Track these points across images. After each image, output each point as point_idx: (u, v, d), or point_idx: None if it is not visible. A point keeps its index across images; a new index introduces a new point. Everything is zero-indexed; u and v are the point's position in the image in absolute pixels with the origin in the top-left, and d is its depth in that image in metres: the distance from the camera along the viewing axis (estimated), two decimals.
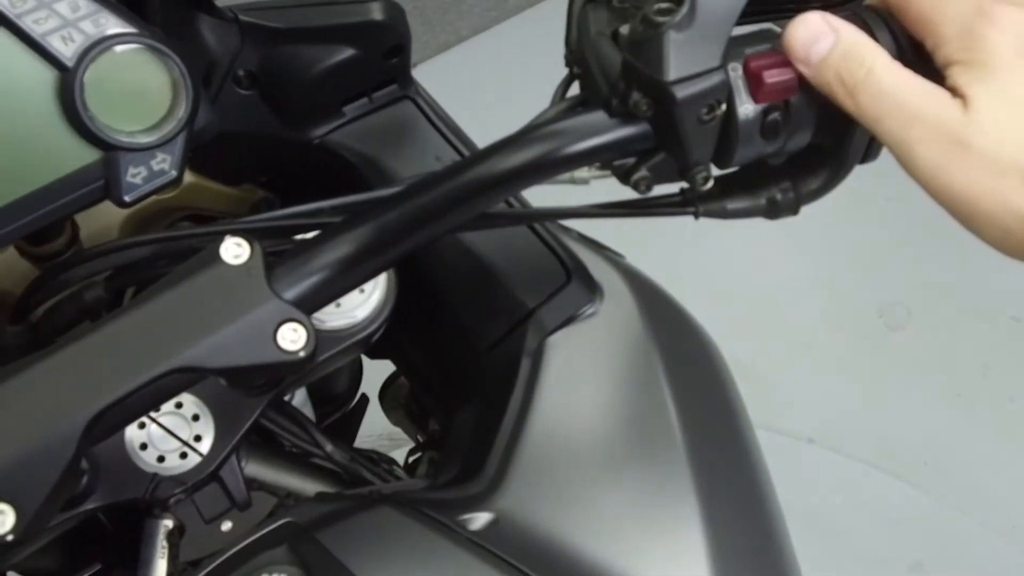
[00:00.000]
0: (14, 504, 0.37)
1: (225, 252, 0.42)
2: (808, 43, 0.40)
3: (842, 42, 0.40)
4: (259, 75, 0.60)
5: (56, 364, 0.39)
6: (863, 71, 0.39)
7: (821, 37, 0.40)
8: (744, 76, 0.40)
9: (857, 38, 0.40)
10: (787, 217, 0.46)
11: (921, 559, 1.57)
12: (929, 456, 1.67)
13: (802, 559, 0.66)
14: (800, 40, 0.40)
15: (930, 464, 1.66)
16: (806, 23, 0.40)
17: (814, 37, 0.40)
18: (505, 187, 0.43)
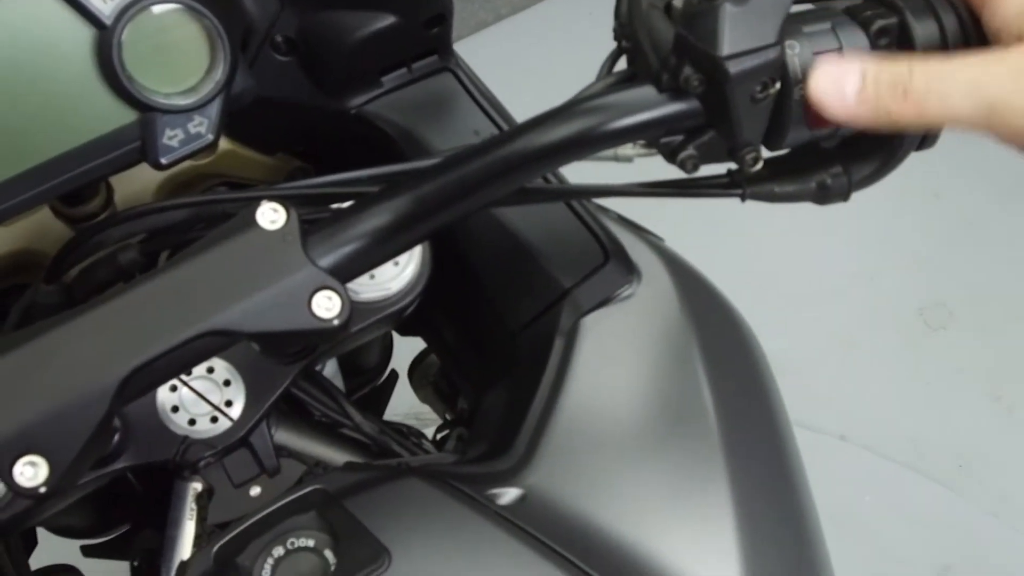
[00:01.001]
0: (47, 457, 0.37)
1: (261, 217, 0.42)
2: (836, 87, 0.39)
3: (869, 67, 0.39)
4: (298, 41, 0.59)
5: (92, 321, 0.39)
6: (906, 73, 0.38)
7: (845, 75, 0.39)
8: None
9: (879, 63, 0.39)
10: (837, 203, 0.45)
11: (951, 562, 1.54)
12: (964, 459, 1.64)
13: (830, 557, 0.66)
14: (827, 89, 0.39)
15: (965, 467, 1.63)
16: (823, 73, 0.39)
17: (839, 79, 0.39)
18: (548, 160, 0.42)
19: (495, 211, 0.61)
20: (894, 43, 0.41)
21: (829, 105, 0.39)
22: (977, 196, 1.92)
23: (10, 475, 0.36)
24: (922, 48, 0.40)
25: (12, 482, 0.36)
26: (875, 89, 0.38)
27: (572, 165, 0.44)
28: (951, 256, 1.85)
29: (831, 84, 0.39)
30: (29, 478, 0.37)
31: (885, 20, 0.40)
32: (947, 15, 0.40)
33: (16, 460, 0.36)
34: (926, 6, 0.40)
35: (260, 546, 0.47)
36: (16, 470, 0.36)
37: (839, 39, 0.40)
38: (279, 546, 0.46)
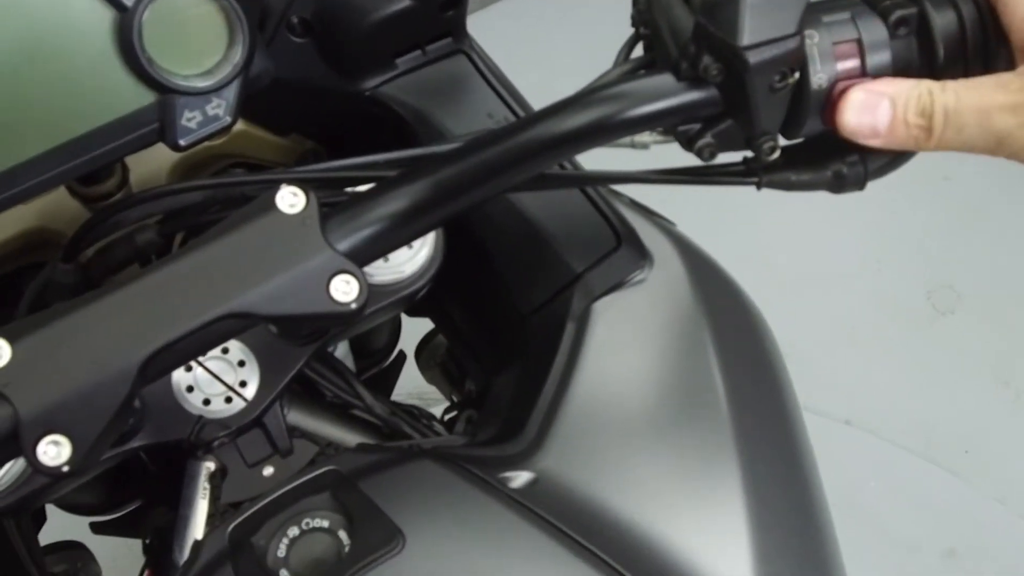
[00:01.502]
0: (71, 436, 0.37)
1: (281, 201, 0.42)
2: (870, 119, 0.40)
3: (898, 100, 0.40)
4: (313, 23, 0.59)
5: (115, 303, 0.40)
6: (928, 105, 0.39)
7: (876, 107, 0.40)
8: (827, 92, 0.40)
9: (903, 86, 0.40)
10: (852, 192, 0.45)
11: (955, 546, 1.55)
12: (970, 444, 1.64)
13: None
14: (859, 122, 0.40)
15: (971, 452, 1.64)
16: (854, 104, 0.40)
17: (871, 111, 0.40)
18: (567, 147, 0.43)
19: (509, 195, 0.61)
20: (913, 33, 0.41)
21: (861, 135, 0.41)
22: (986, 179, 1.91)
23: (34, 454, 0.37)
24: (941, 38, 0.40)
25: (36, 460, 0.37)
26: (905, 122, 0.40)
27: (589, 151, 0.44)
28: (960, 240, 1.85)
29: (863, 114, 0.40)
30: (52, 457, 0.37)
31: (904, 10, 0.40)
32: (966, 5, 0.40)
33: (40, 439, 0.37)
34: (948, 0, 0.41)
35: (275, 526, 0.47)
36: (40, 449, 0.37)
37: (858, 29, 0.40)
38: (294, 526, 0.47)
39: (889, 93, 0.40)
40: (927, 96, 0.39)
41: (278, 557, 0.47)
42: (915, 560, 1.54)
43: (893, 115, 0.40)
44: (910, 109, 0.40)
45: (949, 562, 1.54)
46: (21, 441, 0.37)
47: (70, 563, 0.83)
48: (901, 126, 0.40)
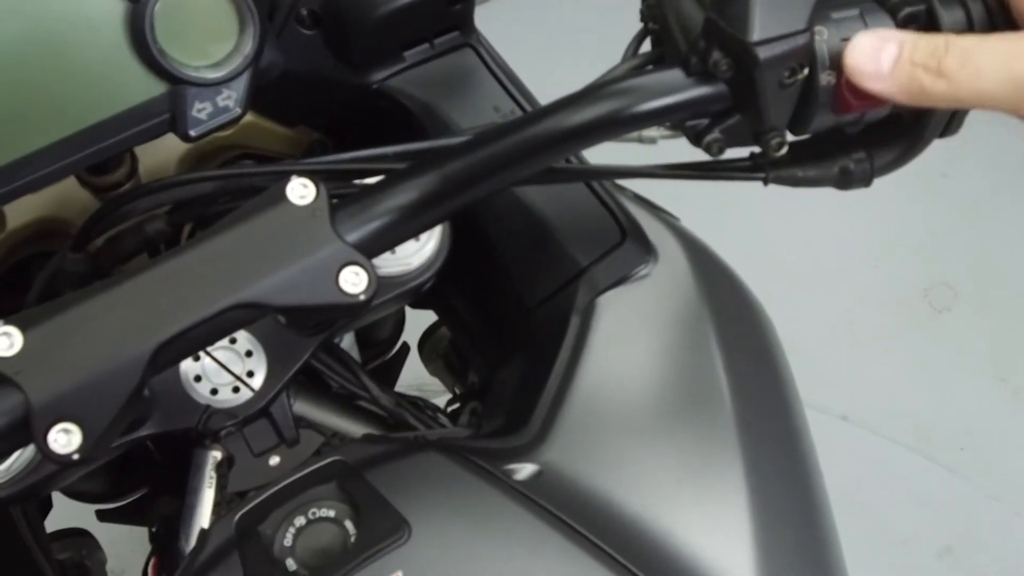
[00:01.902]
0: (81, 425, 0.38)
1: (291, 192, 0.42)
2: (873, 58, 0.39)
3: (906, 39, 0.39)
4: (322, 15, 0.60)
5: (126, 292, 0.40)
6: (941, 47, 0.38)
7: (882, 48, 0.39)
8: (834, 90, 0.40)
9: (916, 34, 0.39)
10: (859, 188, 0.45)
11: (951, 544, 1.55)
12: (967, 441, 1.65)
13: None
14: (863, 60, 0.39)
15: (967, 449, 1.64)
16: (861, 44, 0.39)
17: (876, 51, 0.39)
18: (575, 141, 0.43)
19: (515, 189, 0.61)
20: (921, 28, 0.41)
21: (865, 75, 0.39)
22: (984, 176, 1.91)
23: (44, 441, 0.37)
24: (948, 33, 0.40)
25: (46, 448, 0.37)
26: (911, 62, 0.38)
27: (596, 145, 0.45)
28: (957, 237, 1.85)
29: (868, 55, 0.39)
30: (63, 445, 0.37)
31: (913, 7, 0.41)
32: (975, 3, 0.41)
33: (51, 427, 0.37)
34: None
35: (282, 515, 0.48)
36: (51, 437, 0.37)
37: (867, 25, 0.40)
38: (300, 516, 0.47)
39: (898, 37, 0.39)
40: (941, 41, 0.38)
41: (285, 546, 0.47)
42: (911, 556, 1.55)
43: (899, 55, 0.38)
44: (919, 49, 0.38)
45: (945, 559, 1.54)
46: (32, 428, 0.37)
47: (75, 550, 0.83)
48: (907, 66, 0.38)
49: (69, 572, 0.81)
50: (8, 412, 0.37)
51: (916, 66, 0.38)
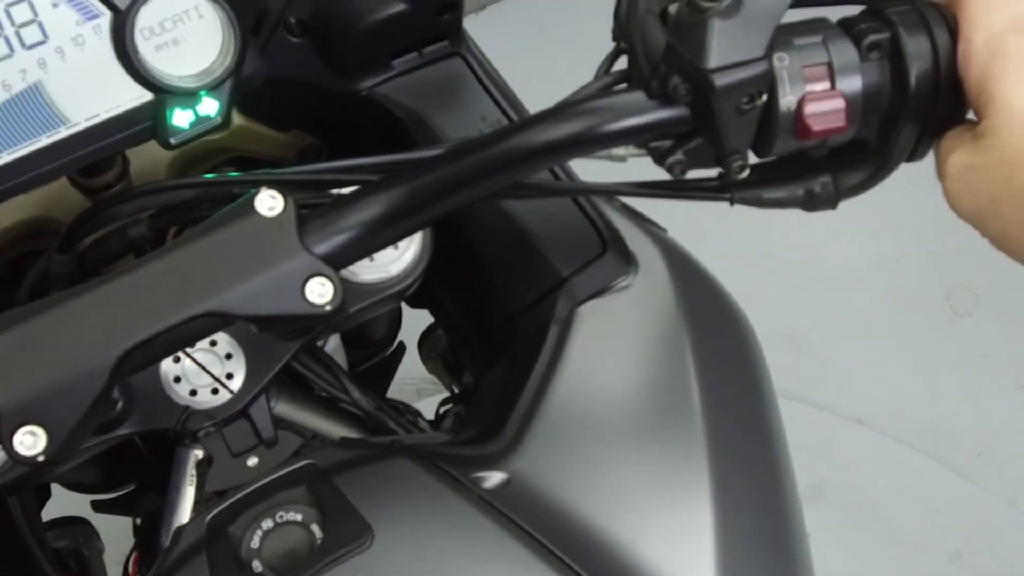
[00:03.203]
0: (47, 427, 0.39)
1: (260, 204, 0.43)
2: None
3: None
4: (311, 23, 0.60)
5: (93, 300, 0.41)
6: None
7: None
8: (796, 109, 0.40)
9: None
10: (824, 210, 0.45)
11: (962, 549, 1.54)
12: (983, 447, 1.63)
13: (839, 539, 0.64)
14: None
15: (984, 455, 1.63)
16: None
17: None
18: (540, 160, 0.43)
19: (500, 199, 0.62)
20: (885, 57, 0.41)
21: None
22: None
23: (10, 443, 0.38)
24: (913, 65, 0.40)
25: (12, 450, 0.38)
26: None
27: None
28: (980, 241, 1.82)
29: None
30: (28, 447, 0.39)
31: (877, 35, 0.41)
32: (940, 32, 0.41)
33: (16, 429, 0.38)
34: (920, 22, 0.41)
35: (251, 517, 0.49)
36: (16, 439, 0.39)
37: (829, 52, 0.41)
38: (268, 519, 0.48)
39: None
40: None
41: (252, 548, 0.48)
42: (921, 560, 1.54)
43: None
44: None
45: (956, 563, 1.54)
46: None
47: (72, 538, 0.85)
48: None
49: (66, 560, 0.83)
50: None
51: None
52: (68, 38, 0.48)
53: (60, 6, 0.47)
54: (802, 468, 0.58)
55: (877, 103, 0.41)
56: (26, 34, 0.47)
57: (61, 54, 0.48)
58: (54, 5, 0.47)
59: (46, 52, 0.48)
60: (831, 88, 0.41)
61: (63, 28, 0.47)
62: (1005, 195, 0.38)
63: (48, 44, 0.48)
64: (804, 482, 0.57)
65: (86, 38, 0.48)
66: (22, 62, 0.47)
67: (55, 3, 0.47)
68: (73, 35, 0.48)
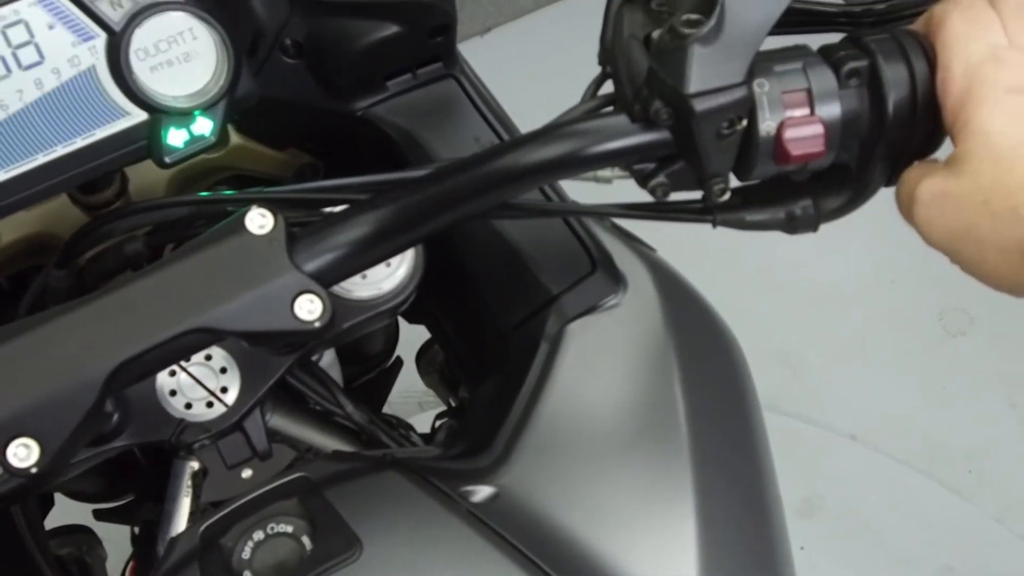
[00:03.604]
0: (39, 440, 0.40)
1: (250, 222, 0.44)
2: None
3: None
4: (306, 45, 0.62)
5: (86, 315, 0.42)
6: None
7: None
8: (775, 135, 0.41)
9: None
10: (805, 233, 0.46)
11: (952, 564, 1.55)
12: (974, 464, 1.64)
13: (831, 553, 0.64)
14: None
15: (974, 472, 1.64)
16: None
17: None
18: (526, 181, 0.44)
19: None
20: (864, 85, 0.42)
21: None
22: None
23: (3, 456, 0.39)
24: (891, 92, 0.41)
25: (5, 462, 0.39)
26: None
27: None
28: None
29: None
30: (21, 459, 0.40)
31: (856, 62, 0.42)
32: (918, 60, 0.42)
33: (10, 442, 0.39)
34: (898, 50, 0.42)
35: (243, 528, 0.50)
36: (9, 451, 0.39)
37: (808, 79, 0.42)
38: (260, 530, 0.49)
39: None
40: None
41: (243, 559, 0.49)
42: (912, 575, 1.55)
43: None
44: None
45: None
46: None
47: (75, 546, 0.86)
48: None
49: (69, 567, 0.84)
50: None
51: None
52: (64, 59, 0.49)
53: (56, 28, 0.49)
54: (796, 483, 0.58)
55: (856, 129, 0.42)
56: (23, 55, 0.48)
57: (57, 74, 0.49)
58: (50, 27, 0.49)
59: (42, 72, 0.49)
60: (810, 114, 0.42)
61: (59, 49, 0.49)
62: (982, 219, 0.38)
63: (44, 65, 0.49)
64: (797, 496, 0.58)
65: (82, 59, 0.49)
66: (19, 82, 0.49)
67: (51, 25, 0.48)
68: (69, 56, 0.49)
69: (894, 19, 0.52)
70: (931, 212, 0.40)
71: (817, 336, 1.75)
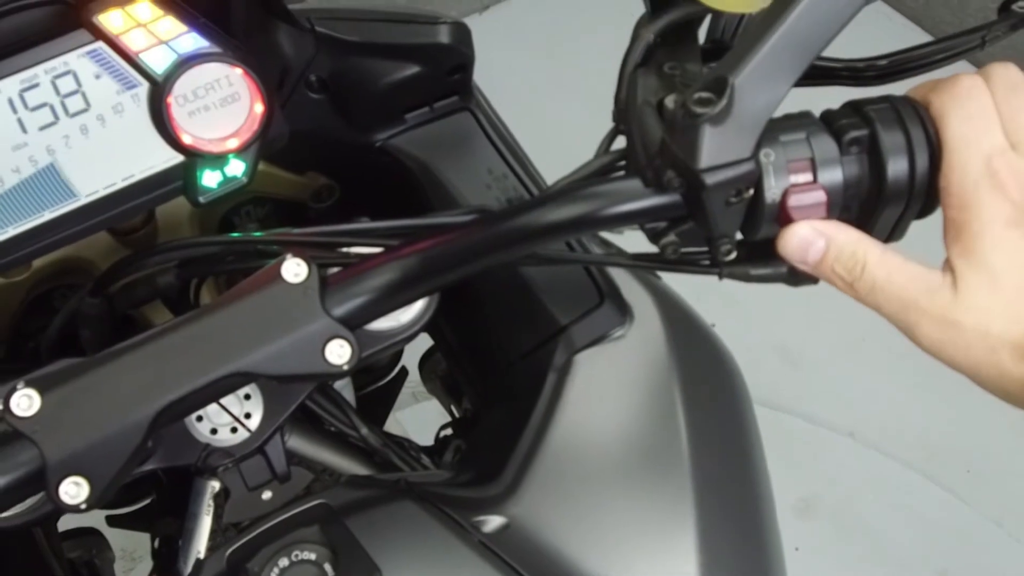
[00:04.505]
0: (88, 479, 0.43)
1: (286, 271, 0.47)
2: (802, 251, 0.44)
3: (833, 246, 0.44)
4: (330, 82, 0.64)
5: (133, 360, 0.45)
6: (858, 269, 0.43)
7: (811, 244, 0.44)
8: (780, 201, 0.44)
9: (847, 238, 0.44)
10: (807, 286, 0.49)
11: (947, 567, 1.57)
12: (973, 464, 1.66)
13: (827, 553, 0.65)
14: (793, 249, 0.44)
15: (973, 472, 1.66)
16: (795, 234, 0.44)
17: (806, 245, 0.44)
18: (546, 238, 0.47)
19: None
20: (864, 151, 0.45)
21: (792, 259, 0.45)
22: None
23: (56, 493, 0.42)
24: (889, 160, 0.44)
25: (58, 499, 0.42)
26: (831, 267, 0.44)
27: None
28: None
29: (799, 243, 0.44)
30: (72, 496, 0.42)
31: (857, 131, 0.44)
32: (915, 130, 0.44)
33: (62, 480, 0.42)
34: (896, 119, 0.44)
35: (268, 554, 0.52)
36: (62, 489, 0.42)
37: (811, 148, 0.44)
38: (285, 557, 0.52)
39: (828, 235, 0.44)
40: (861, 259, 0.43)
41: None
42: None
43: (823, 257, 0.44)
44: (840, 261, 0.43)
45: None
46: (46, 482, 0.42)
47: (85, 548, 0.89)
48: (828, 270, 0.44)
49: (80, 569, 0.86)
50: (25, 465, 0.42)
51: (834, 273, 0.44)
52: (109, 106, 0.51)
53: (102, 77, 0.51)
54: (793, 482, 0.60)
55: (856, 192, 0.45)
56: (70, 103, 0.51)
57: (102, 121, 0.52)
58: (97, 76, 0.51)
59: (88, 119, 0.51)
60: (813, 181, 0.44)
61: (104, 97, 0.51)
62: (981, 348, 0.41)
63: (90, 112, 0.51)
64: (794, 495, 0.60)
65: (125, 106, 0.52)
66: (65, 129, 0.51)
67: (98, 75, 0.51)
68: (114, 103, 0.52)
69: (895, 74, 0.55)
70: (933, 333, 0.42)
71: (816, 331, 1.76)
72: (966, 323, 0.41)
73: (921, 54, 0.52)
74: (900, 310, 0.43)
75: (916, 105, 0.45)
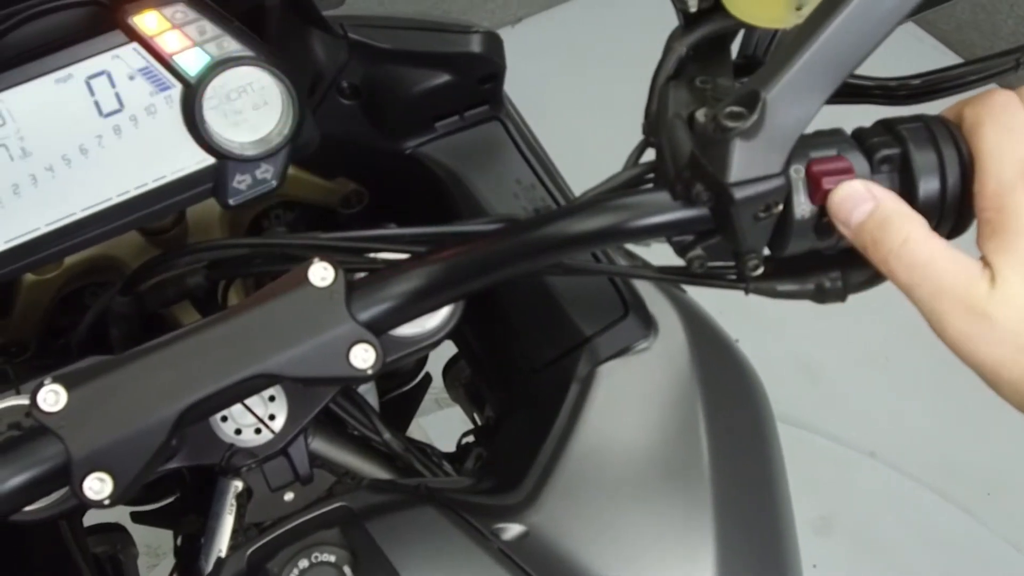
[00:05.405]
0: (113, 475, 0.43)
1: (313, 275, 0.47)
2: (849, 207, 0.42)
3: (880, 210, 0.42)
4: (361, 88, 0.65)
5: (159, 360, 0.45)
6: (899, 240, 0.42)
7: (861, 203, 0.42)
8: (805, 177, 0.43)
9: (896, 207, 0.42)
10: (834, 303, 0.48)
11: None
12: (993, 487, 1.65)
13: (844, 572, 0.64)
14: (841, 202, 0.43)
15: (993, 495, 1.64)
16: (849, 188, 0.43)
17: (855, 202, 0.42)
18: (573, 248, 0.47)
19: None
20: (896, 170, 0.44)
21: (835, 214, 0.43)
22: None
23: (80, 488, 0.43)
24: (920, 179, 0.44)
25: (82, 494, 0.43)
26: (874, 229, 0.42)
27: None
28: None
29: (848, 202, 0.43)
30: (96, 491, 0.43)
31: (889, 150, 0.44)
32: (948, 149, 0.44)
33: (87, 476, 0.43)
34: (929, 139, 0.44)
35: (288, 555, 0.53)
36: (86, 484, 0.43)
37: None
38: (305, 559, 0.52)
39: (879, 198, 0.42)
40: (904, 232, 0.42)
41: None
42: None
43: (867, 219, 0.42)
44: (883, 228, 0.42)
45: None
46: (71, 477, 0.43)
47: (110, 544, 0.90)
48: (867, 235, 0.42)
49: (104, 565, 0.87)
50: (50, 460, 0.43)
51: (872, 239, 0.42)
52: (142, 107, 0.52)
53: (136, 79, 0.52)
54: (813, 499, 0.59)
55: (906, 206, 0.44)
56: (104, 103, 0.51)
57: (135, 121, 0.52)
58: (131, 77, 0.52)
59: (121, 119, 0.52)
60: None
61: (138, 98, 0.52)
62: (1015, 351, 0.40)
63: (123, 112, 0.52)
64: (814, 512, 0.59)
65: (158, 107, 0.53)
66: (99, 128, 0.52)
67: (132, 76, 0.52)
68: (147, 104, 0.52)
69: (928, 93, 0.54)
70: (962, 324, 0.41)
71: (840, 349, 1.75)
72: (998, 317, 0.40)
73: (954, 75, 0.51)
74: (933, 294, 0.41)
75: (949, 125, 0.45)
